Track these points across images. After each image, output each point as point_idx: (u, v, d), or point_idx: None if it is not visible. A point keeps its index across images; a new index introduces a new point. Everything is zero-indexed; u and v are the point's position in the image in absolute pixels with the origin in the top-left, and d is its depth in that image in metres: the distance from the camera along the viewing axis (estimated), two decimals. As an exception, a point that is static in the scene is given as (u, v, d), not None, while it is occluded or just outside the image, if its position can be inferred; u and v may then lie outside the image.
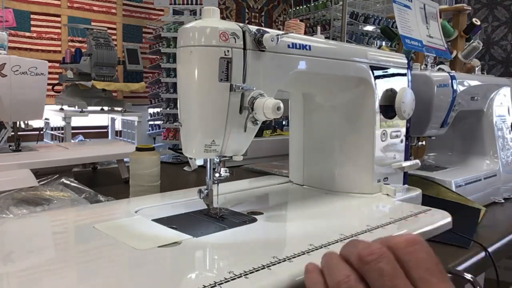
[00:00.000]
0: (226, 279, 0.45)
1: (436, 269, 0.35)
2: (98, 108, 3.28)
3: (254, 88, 0.62)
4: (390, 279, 0.34)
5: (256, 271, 0.47)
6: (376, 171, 0.83)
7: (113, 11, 4.08)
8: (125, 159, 1.15)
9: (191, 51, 0.60)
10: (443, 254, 0.70)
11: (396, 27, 1.05)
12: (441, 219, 0.69)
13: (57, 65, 3.40)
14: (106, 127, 3.86)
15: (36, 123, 1.27)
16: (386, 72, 0.85)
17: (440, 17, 1.25)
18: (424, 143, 1.06)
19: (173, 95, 3.49)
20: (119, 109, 3.32)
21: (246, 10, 5.03)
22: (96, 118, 3.71)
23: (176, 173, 1.33)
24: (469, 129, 1.18)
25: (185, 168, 1.37)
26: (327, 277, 0.38)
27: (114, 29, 4.06)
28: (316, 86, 0.85)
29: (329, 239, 0.57)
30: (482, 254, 0.74)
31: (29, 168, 0.95)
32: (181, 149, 0.73)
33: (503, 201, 1.07)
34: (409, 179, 0.91)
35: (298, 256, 0.52)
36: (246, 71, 0.62)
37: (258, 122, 0.64)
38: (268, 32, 0.62)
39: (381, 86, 0.84)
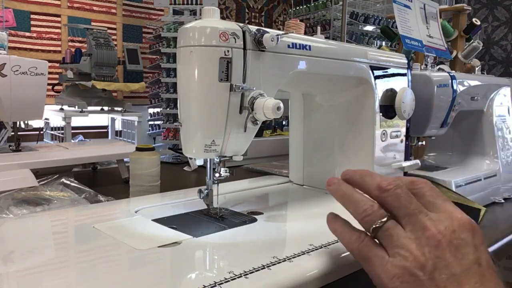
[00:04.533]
0: (226, 279, 0.45)
1: (439, 196, 0.44)
2: (98, 108, 3.28)
3: (254, 88, 0.62)
4: (405, 200, 0.43)
5: (256, 271, 0.47)
6: (376, 171, 0.83)
7: (113, 11, 4.08)
8: (125, 159, 1.15)
9: (191, 51, 0.60)
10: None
11: (396, 27, 1.05)
12: (441, 219, 0.69)
13: (57, 65, 3.40)
14: (106, 127, 3.86)
15: (36, 123, 1.27)
16: (386, 72, 0.85)
17: (440, 17, 1.25)
18: (424, 143, 1.05)
19: (173, 95, 3.49)
20: (119, 109, 3.32)
21: (246, 10, 5.03)
22: (96, 118, 3.71)
23: (176, 173, 1.33)
24: (469, 129, 1.18)
25: (185, 168, 1.37)
26: (351, 209, 0.46)
27: (114, 29, 4.06)
28: (316, 86, 0.85)
29: (329, 239, 0.57)
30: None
31: (29, 168, 0.95)
32: (181, 149, 0.73)
33: (503, 201, 1.07)
34: (409, 179, 0.91)
35: (298, 256, 0.52)
36: (246, 71, 0.62)
37: (258, 122, 0.64)
38: (268, 32, 0.62)
39: (381, 86, 0.84)
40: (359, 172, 0.48)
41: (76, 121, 3.21)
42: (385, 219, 0.43)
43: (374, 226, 0.43)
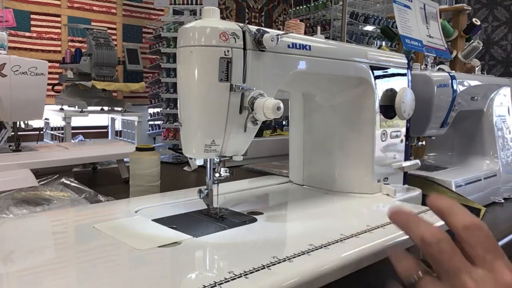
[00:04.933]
0: (226, 279, 0.45)
1: (492, 248, 0.41)
2: (98, 108, 3.28)
3: (254, 88, 0.62)
4: (448, 256, 0.41)
5: (256, 271, 0.47)
6: (376, 171, 0.83)
7: (113, 11, 4.08)
8: (125, 159, 1.15)
9: (191, 51, 0.60)
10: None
11: (396, 27, 1.05)
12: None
13: (57, 65, 3.40)
14: (106, 127, 3.86)
15: (36, 123, 1.27)
16: (386, 72, 0.85)
17: (440, 17, 1.25)
18: (424, 143, 1.06)
19: (173, 95, 3.49)
20: (119, 109, 3.32)
21: (246, 10, 5.03)
22: (96, 118, 3.71)
23: (176, 173, 1.33)
24: (469, 129, 1.18)
25: (185, 168, 1.37)
26: (397, 263, 0.44)
27: (114, 29, 4.06)
28: (316, 86, 0.85)
29: (329, 239, 0.57)
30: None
31: (29, 168, 0.95)
32: (181, 149, 0.73)
33: (503, 201, 1.07)
34: (409, 179, 0.91)
35: (298, 256, 0.52)
36: (246, 71, 0.62)
37: (258, 122, 0.64)
38: (268, 32, 0.62)
39: (381, 86, 0.84)
40: (405, 217, 0.46)
41: (76, 121, 3.21)
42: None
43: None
